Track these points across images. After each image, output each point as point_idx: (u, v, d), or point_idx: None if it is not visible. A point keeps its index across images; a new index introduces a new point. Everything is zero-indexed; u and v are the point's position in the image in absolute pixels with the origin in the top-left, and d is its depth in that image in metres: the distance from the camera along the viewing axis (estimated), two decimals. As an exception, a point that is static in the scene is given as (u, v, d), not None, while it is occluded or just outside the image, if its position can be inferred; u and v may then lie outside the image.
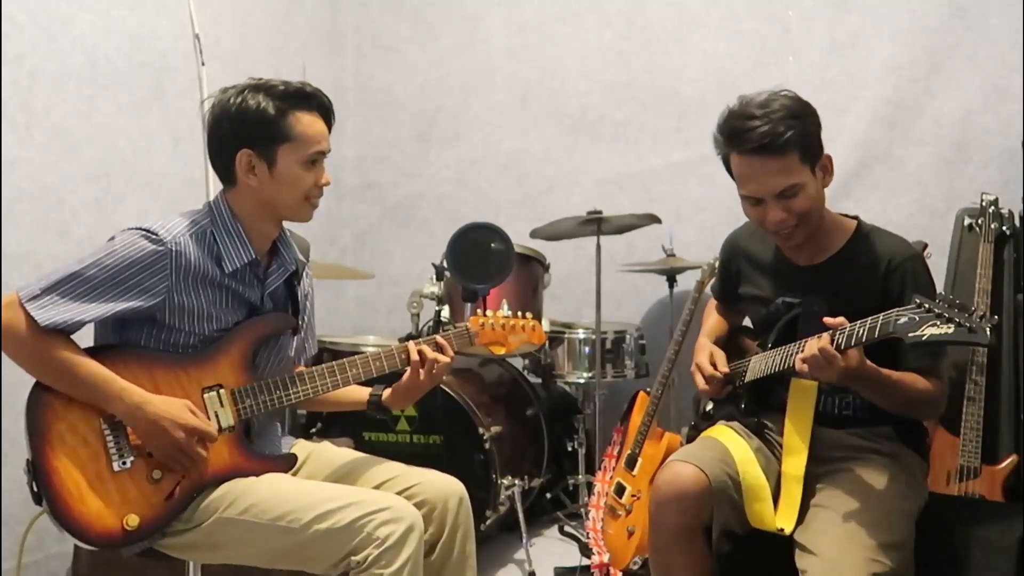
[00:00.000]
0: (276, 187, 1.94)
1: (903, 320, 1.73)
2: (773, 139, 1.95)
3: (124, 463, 1.83)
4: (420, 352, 2.08)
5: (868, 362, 1.90)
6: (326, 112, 1.99)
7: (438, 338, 2.12)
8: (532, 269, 3.44)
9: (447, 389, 3.11)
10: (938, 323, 1.67)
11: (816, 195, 2.04)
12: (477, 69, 4.27)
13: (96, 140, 3.12)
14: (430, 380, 2.09)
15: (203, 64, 2.65)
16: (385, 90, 4.43)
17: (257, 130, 1.91)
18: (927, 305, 1.71)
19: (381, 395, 2.16)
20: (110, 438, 1.83)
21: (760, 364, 2.14)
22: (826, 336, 1.87)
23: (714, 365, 2.22)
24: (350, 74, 4.45)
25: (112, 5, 3.18)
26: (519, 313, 2.28)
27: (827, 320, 1.86)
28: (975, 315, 1.65)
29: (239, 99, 1.92)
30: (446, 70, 4.33)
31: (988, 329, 1.62)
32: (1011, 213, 3.07)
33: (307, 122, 1.94)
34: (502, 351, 2.24)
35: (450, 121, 4.34)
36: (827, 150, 2.08)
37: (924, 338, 1.68)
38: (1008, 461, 2.84)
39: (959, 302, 1.69)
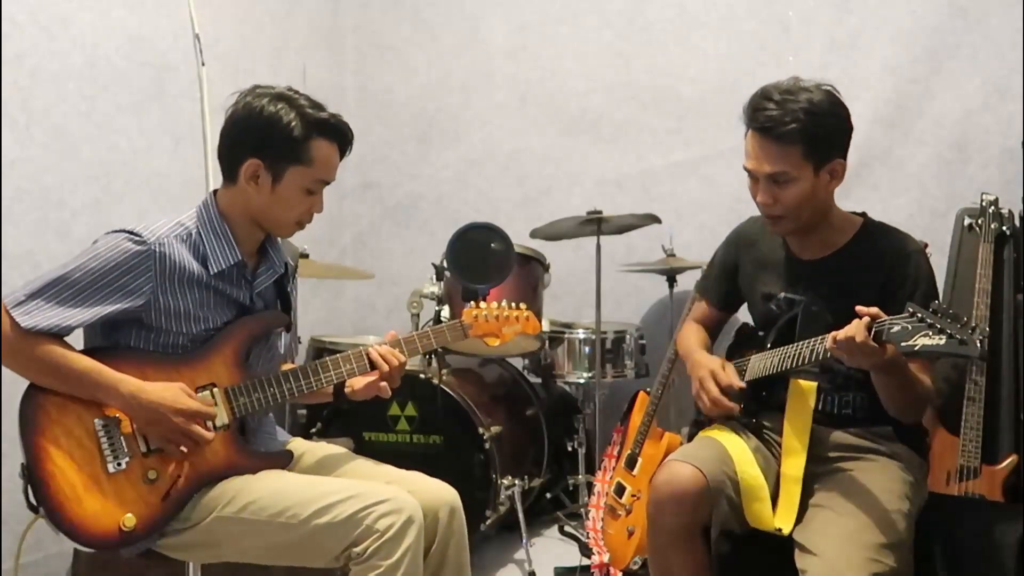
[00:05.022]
0: (272, 203, 1.95)
1: (896, 329, 1.74)
2: (775, 126, 1.99)
3: (119, 464, 1.83)
4: (384, 357, 2.06)
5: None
6: (345, 145, 2.00)
7: (390, 336, 2.11)
8: (532, 269, 3.44)
9: (447, 389, 3.11)
10: (930, 333, 1.68)
11: (811, 193, 2.05)
12: (477, 69, 4.27)
13: (96, 140, 3.12)
14: (390, 382, 2.07)
15: (203, 64, 2.65)
16: (385, 90, 4.42)
17: (277, 145, 1.91)
18: (920, 314, 1.72)
19: (344, 387, 2.13)
20: (104, 440, 1.83)
21: (759, 364, 2.14)
22: (863, 326, 1.80)
23: (720, 385, 2.13)
24: (350, 74, 4.45)
25: (112, 5, 3.18)
26: (513, 304, 2.27)
27: (860, 309, 1.83)
28: (967, 327, 1.66)
29: (272, 108, 1.91)
30: (446, 70, 4.32)
31: (979, 342, 1.63)
32: (1011, 213, 3.07)
33: (325, 151, 1.95)
34: (497, 342, 2.23)
35: (450, 121, 4.33)
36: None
37: (916, 348, 1.70)
38: (1008, 461, 2.84)
39: (952, 312, 1.70)
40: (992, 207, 3.04)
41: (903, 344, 1.71)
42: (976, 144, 3.53)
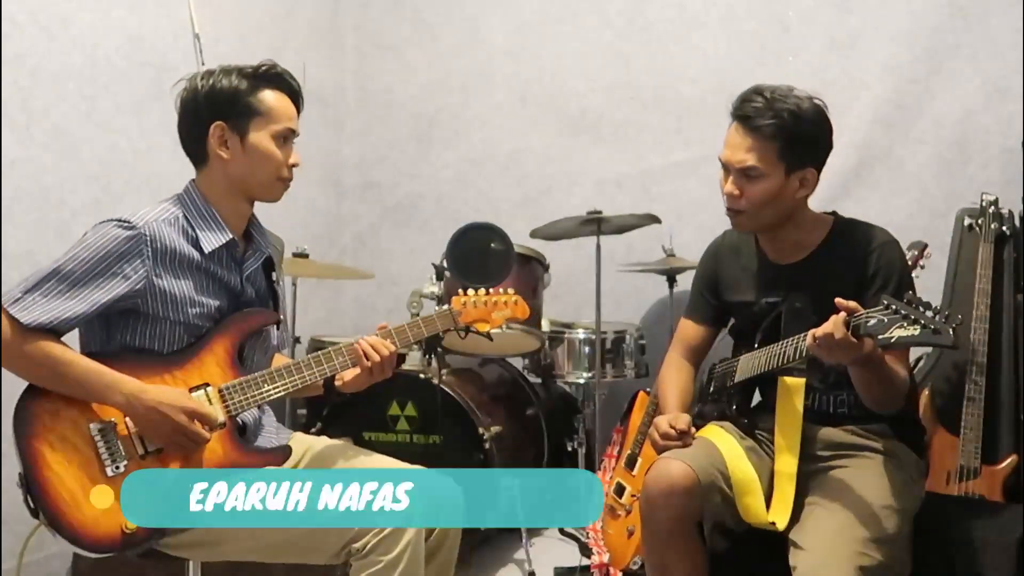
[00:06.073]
0: (248, 162, 1.96)
1: (872, 322, 1.76)
2: (756, 117, 2.03)
3: (117, 468, 1.83)
4: (373, 347, 2.06)
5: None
6: (294, 94, 2.03)
7: (380, 327, 2.11)
8: (532, 269, 3.44)
9: (447, 389, 3.11)
10: (905, 324, 1.70)
11: (777, 195, 2.07)
12: (477, 69, 4.27)
13: (96, 140, 3.12)
14: (380, 373, 2.08)
15: (203, 64, 2.65)
16: (385, 90, 4.42)
17: (230, 105, 1.95)
18: (894, 306, 1.74)
19: (334, 381, 2.14)
20: (101, 444, 1.83)
21: (748, 364, 2.15)
22: (841, 322, 1.82)
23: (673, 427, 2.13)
24: (350, 74, 4.45)
25: (112, 5, 3.18)
26: (501, 290, 2.27)
27: (840, 302, 1.84)
28: (939, 316, 1.69)
29: (210, 80, 1.97)
30: (446, 70, 4.32)
31: (952, 330, 1.66)
32: (1011, 213, 3.07)
33: (276, 99, 1.99)
34: (487, 327, 2.23)
35: (450, 121, 4.33)
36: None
37: (892, 340, 1.72)
38: (1008, 461, 2.84)
39: (926, 302, 1.73)
40: (992, 207, 3.04)
41: (880, 337, 1.73)
42: (976, 144, 3.53)
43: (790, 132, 2.02)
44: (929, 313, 1.70)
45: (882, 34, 3.64)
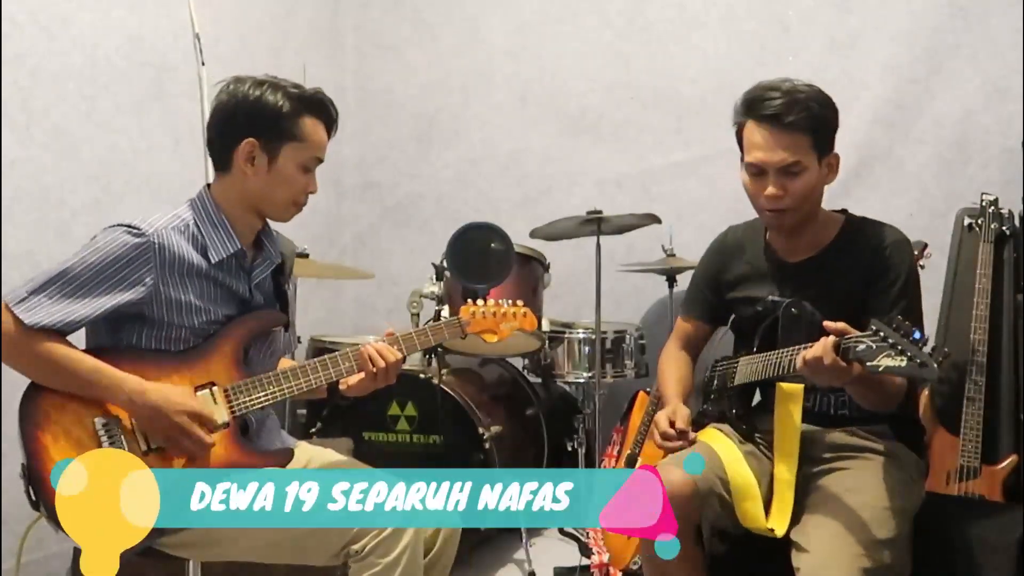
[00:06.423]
0: (270, 183, 1.96)
1: (861, 347, 1.76)
2: (785, 114, 2.00)
3: None
4: (380, 353, 2.04)
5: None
6: (330, 123, 2.02)
7: (388, 333, 2.10)
8: (532, 269, 3.44)
9: (447, 389, 3.11)
10: (892, 354, 1.71)
11: (816, 185, 2.06)
12: (477, 69, 4.27)
13: (96, 140, 3.12)
14: (384, 378, 2.06)
15: (203, 64, 2.65)
16: (385, 90, 4.43)
17: (270, 123, 1.93)
18: (883, 333, 1.74)
19: (337, 384, 2.13)
20: (104, 439, 1.83)
21: (747, 369, 2.15)
22: (831, 347, 1.83)
23: (673, 425, 2.12)
24: (350, 74, 4.45)
25: (112, 5, 3.18)
26: (510, 301, 2.28)
27: (828, 325, 1.84)
28: (926, 348, 1.69)
29: (257, 91, 1.94)
30: (446, 70, 4.32)
31: (937, 364, 1.67)
32: (1011, 213, 3.07)
33: (315, 127, 1.98)
34: (494, 339, 2.23)
35: (450, 121, 4.33)
36: (827, 150, 2.10)
37: (880, 369, 1.73)
38: (1008, 461, 2.84)
39: (913, 330, 1.73)
40: (992, 207, 3.04)
41: (869, 364, 1.75)
42: (976, 144, 3.52)
43: (818, 121, 2.03)
44: (916, 343, 1.70)
45: (882, 34, 3.64)
